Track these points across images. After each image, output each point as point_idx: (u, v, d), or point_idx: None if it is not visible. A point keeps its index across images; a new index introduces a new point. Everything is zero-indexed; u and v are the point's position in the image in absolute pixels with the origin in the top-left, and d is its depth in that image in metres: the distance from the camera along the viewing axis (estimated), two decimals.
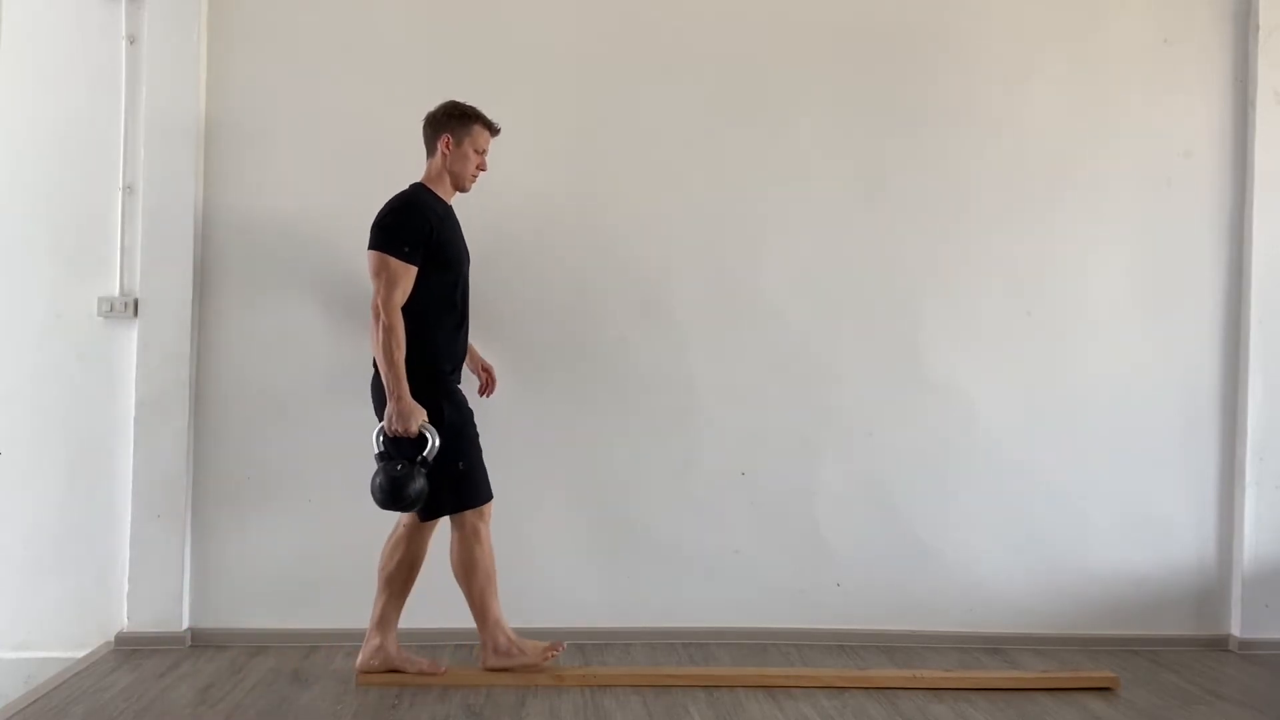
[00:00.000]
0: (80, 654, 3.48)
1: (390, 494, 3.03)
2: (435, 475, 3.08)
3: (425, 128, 3.25)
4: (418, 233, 3.07)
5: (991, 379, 3.81)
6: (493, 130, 3.24)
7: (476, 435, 3.25)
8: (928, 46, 3.82)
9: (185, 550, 3.57)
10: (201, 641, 3.57)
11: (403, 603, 3.24)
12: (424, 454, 3.06)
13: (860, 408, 3.77)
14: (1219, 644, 3.83)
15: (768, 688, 3.26)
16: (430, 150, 3.24)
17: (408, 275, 3.05)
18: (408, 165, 3.67)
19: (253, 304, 3.64)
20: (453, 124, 3.19)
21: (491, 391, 3.51)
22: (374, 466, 3.66)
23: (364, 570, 3.63)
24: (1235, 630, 3.82)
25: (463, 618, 3.29)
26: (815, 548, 3.76)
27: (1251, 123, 3.86)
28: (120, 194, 3.59)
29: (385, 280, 3.03)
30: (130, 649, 3.50)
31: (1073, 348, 3.84)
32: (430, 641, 3.54)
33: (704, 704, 3.13)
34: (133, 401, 3.56)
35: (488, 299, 3.64)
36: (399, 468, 3.02)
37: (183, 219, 3.56)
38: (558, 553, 3.71)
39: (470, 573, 3.20)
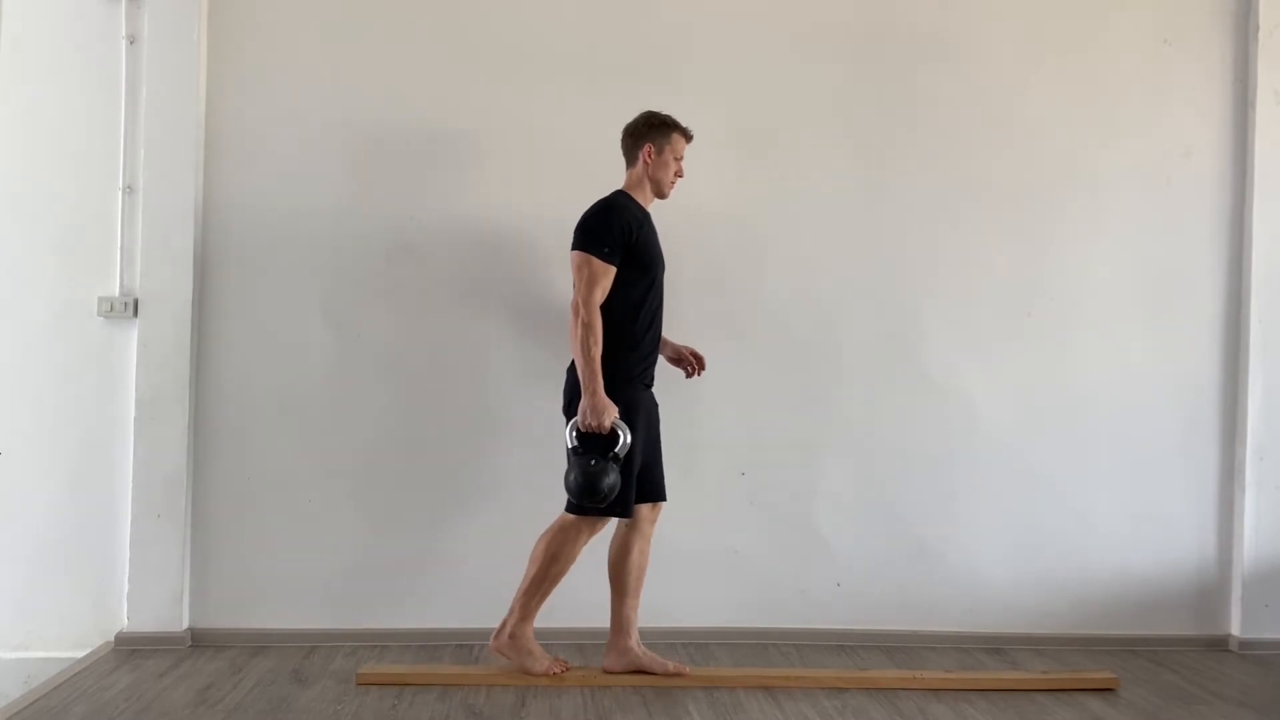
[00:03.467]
0: (80, 654, 3.48)
1: (584, 489, 3.08)
2: (621, 472, 3.13)
3: (625, 138, 3.32)
4: (618, 235, 3.14)
5: (991, 379, 3.81)
6: (688, 137, 3.32)
7: (659, 436, 3.31)
8: (928, 47, 3.82)
9: (185, 550, 3.57)
10: (201, 641, 3.57)
11: (638, 602, 3.30)
12: (615, 450, 3.10)
13: (860, 408, 3.77)
14: (1219, 644, 3.83)
15: (768, 688, 3.26)
16: (631, 159, 3.31)
17: (607, 275, 3.12)
18: (408, 165, 3.69)
19: (253, 304, 3.64)
20: (654, 133, 3.27)
21: (700, 371, 3.50)
22: (373, 469, 3.68)
23: (364, 570, 3.65)
24: (1235, 630, 3.83)
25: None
26: (815, 548, 3.77)
27: (1251, 123, 3.86)
28: (120, 194, 3.59)
29: (586, 279, 3.11)
30: (130, 649, 3.50)
31: (1073, 348, 3.84)
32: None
33: (704, 704, 3.13)
34: (133, 401, 3.56)
35: (489, 299, 3.65)
36: (593, 463, 3.07)
37: (183, 219, 3.57)
38: None
39: (543, 560, 3.24)
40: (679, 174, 3.32)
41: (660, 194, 3.31)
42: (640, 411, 3.21)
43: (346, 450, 3.66)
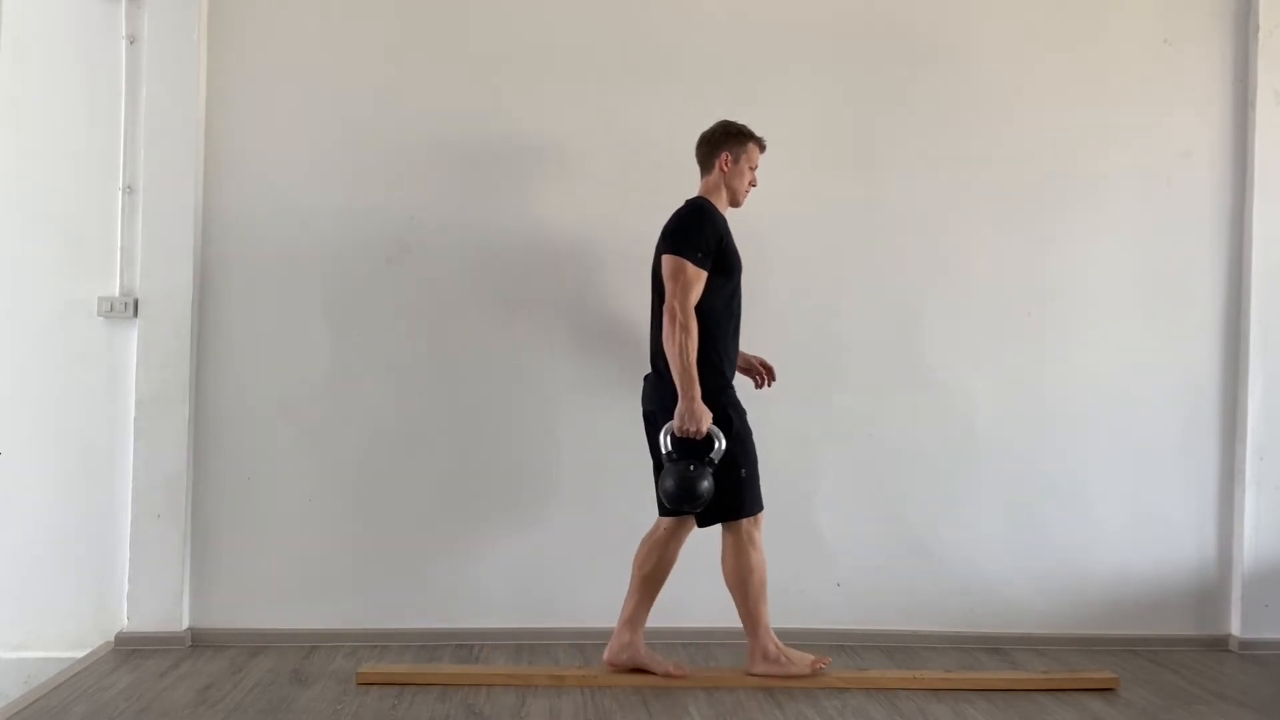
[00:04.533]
0: (80, 654, 3.48)
1: (681, 494, 3.08)
2: (717, 480, 3.12)
3: (701, 146, 3.32)
4: (710, 239, 3.17)
5: (992, 379, 3.81)
6: (762, 147, 3.33)
7: (753, 443, 3.29)
8: (928, 47, 3.82)
9: (185, 550, 3.57)
10: (201, 641, 3.57)
11: (652, 603, 3.29)
12: (711, 455, 3.10)
13: (860, 408, 3.77)
14: (1219, 644, 3.83)
15: (768, 688, 3.26)
16: (707, 168, 3.32)
17: (700, 280, 3.14)
18: (408, 165, 3.69)
19: (253, 304, 3.64)
20: (730, 142, 3.28)
21: (770, 382, 3.51)
22: (373, 469, 3.68)
23: (364, 570, 3.65)
24: (1235, 630, 3.82)
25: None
26: (815, 548, 3.76)
27: (1251, 123, 3.86)
28: (120, 194, 3.59)
29: (681, 284, 3.11)
30: (130, 649, 3.50)
31: (1073, 348, 3.84)
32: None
33: (704, 704, 3.13)
34: (133, 401, 3.56)
35: (488, 300, 3.66)
36: (690, 468, 3.07)
37: (183, 219, 3.56)
38: (559, 552, 3.71)
39: (745, 579, 3.23)
40: (753, 183, 3.33)
41: (735, 202, 3.32)
42: (743, 415, 3.24)
43: (346, 450, 3.66)
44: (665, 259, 3.16)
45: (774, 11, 3.79)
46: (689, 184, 3.76)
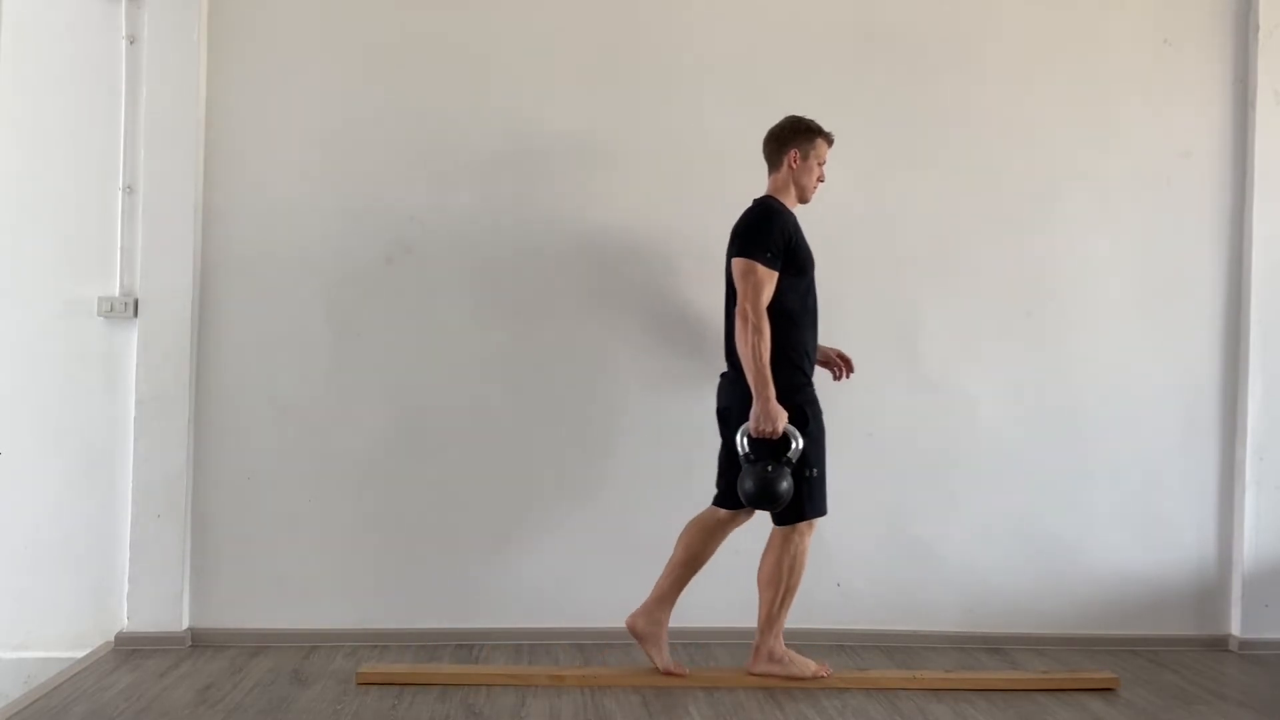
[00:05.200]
0: (80, 654, 3.47)
1: (760, 494, 3.10)
2: (814, 469, 3.16)
3: (769, 142, 3.32)
4: (780, 239, 3.17)
5: (991, 379, 3.81)
6: (830, 142, 3.33)
7: (825, 444, 3.30)
8: (928, 47, 3.82)
9: (185, 550, 3.56)
10: (201, 641, 3.57)
11: (684, 586, 3.32)
12: (788, 455, 3.11)
13: (860, 408, 3.77)
14: (1219, 644, 3.83)
15: (768, 688, 3.26)
16: (775, 164, 3.32)
17: (771, 280, 3.14)
18: (408, 164, 3.69)
19: (253, 304, 3.64)
20: (799, 139, 3.28)
21: (849, 374, 3.52)
22: (373, 469, 3.68)
23: (364, 570, 3.65)
24: (1235, 630, 3.83)
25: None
26: (815, 548, 3.74)
27: (1251, 123, 3.86)
28: (120, 194, 3.59)
29: (752, 285, 3.12)
30: (130, 649, 3.50)
31: (1073, 348, 3.84)
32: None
33: (704, 704, 3.13)
34: (133, 401, 3.56)
35: (488, 299, 3.66)
36: (769, 468, 3.08)
37: (183, 219, 3.56)
38: (559, 553, 3.71)
39: (779, 581, 3.24)
40: (821, 178, 3.33)
41: (803, 198, 3.32)
42: (819, 416, 3.24)
43: (346, 450, 3.66)
44: (735, 261, 3.17)
45: (773, 12, 3.78)
46: (690, 185, 3.77)
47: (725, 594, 3.73)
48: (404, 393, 3.68)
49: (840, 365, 3.52)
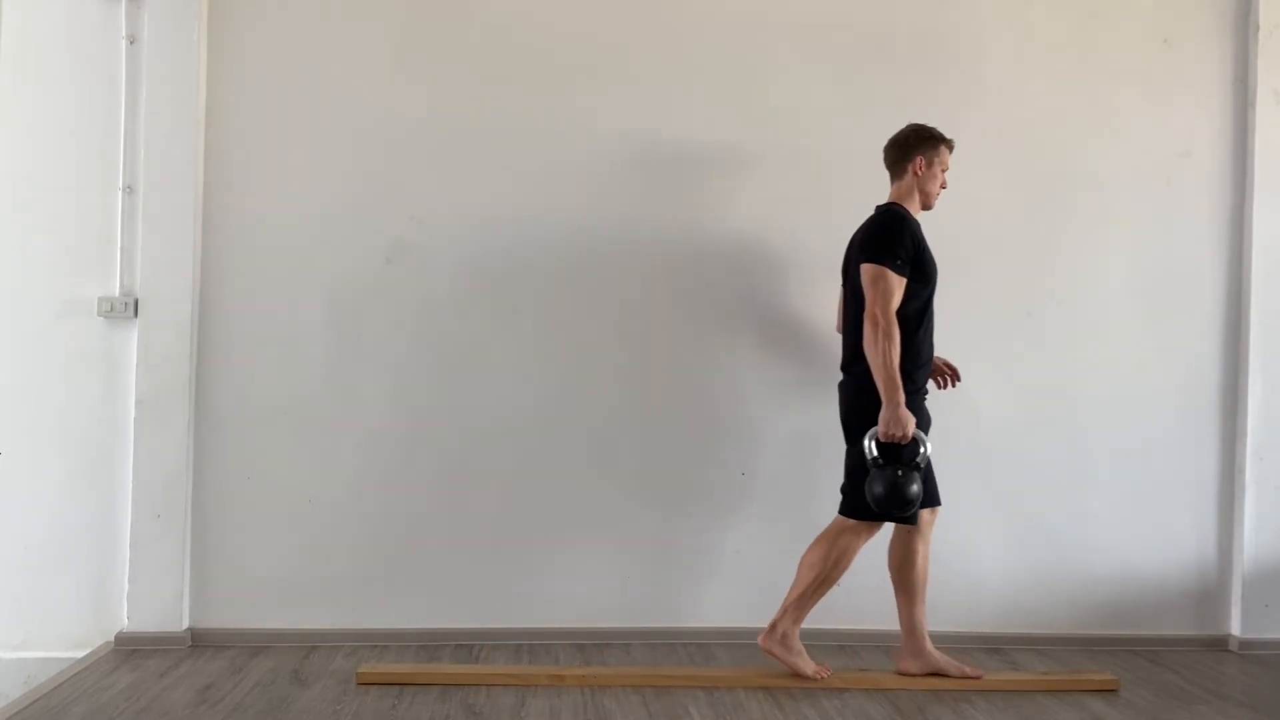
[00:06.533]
0: (80, 654, 3.48)
1: (891, 499, 3.12)
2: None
3: (892, 150, 3.36)
4: (909, 246, 3.21)
5: (991, 379, 3.81)
6: (951, 148, 3.36)
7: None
8: (928, 47, 3.82)
9: (185, 550, 3.57)
10: (201, 641, 3.57)
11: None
12: (917, 459, 3.14)
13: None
14: (1219, 644, 3.83)
15: (768, 688, 3.26)
16: (899, 172, 3.36)
17: (900, 287, 3.18)
18: (408, 164, 3.69)
19: (253, 304, 3.64)
20: (924, 146, 3.33)
21: (955, 382, 3.54)
22: (373, 469, 3.68)
23: (364, 570, 3.66)
24: (1235, 630, 3.83)
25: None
26: None
27: (1251, 123, 3.86)
28: (120, 194, 3.59)
29: (883, 291, 3.14)
30: (130, 649, 3.50)
31: (1072, 347, 3.84)
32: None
33: (704, 704, 3.13)
34: (133, 401, 3.56)
35: (487, 298, 3.66)
36: (898, 473, 3.11)
37: (183, 219, 3.57)
38: (559, 553, 3.71)
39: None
40: (944, 185, 3.36)
41: (927, 205, 3.36)
42: (927, 420, 3.27)
43: (346, 450, 3.66)
44: (865, 267, 3.19)
45: (772, 12, 3.78)
46: (689, 184, 3.77)
47: (725, 594, 3.74)
48: (403, 393, 3.68)
49: (947, 373, 3.54)
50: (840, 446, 3.37)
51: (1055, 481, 3.83)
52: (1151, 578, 3.85)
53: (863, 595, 3.75)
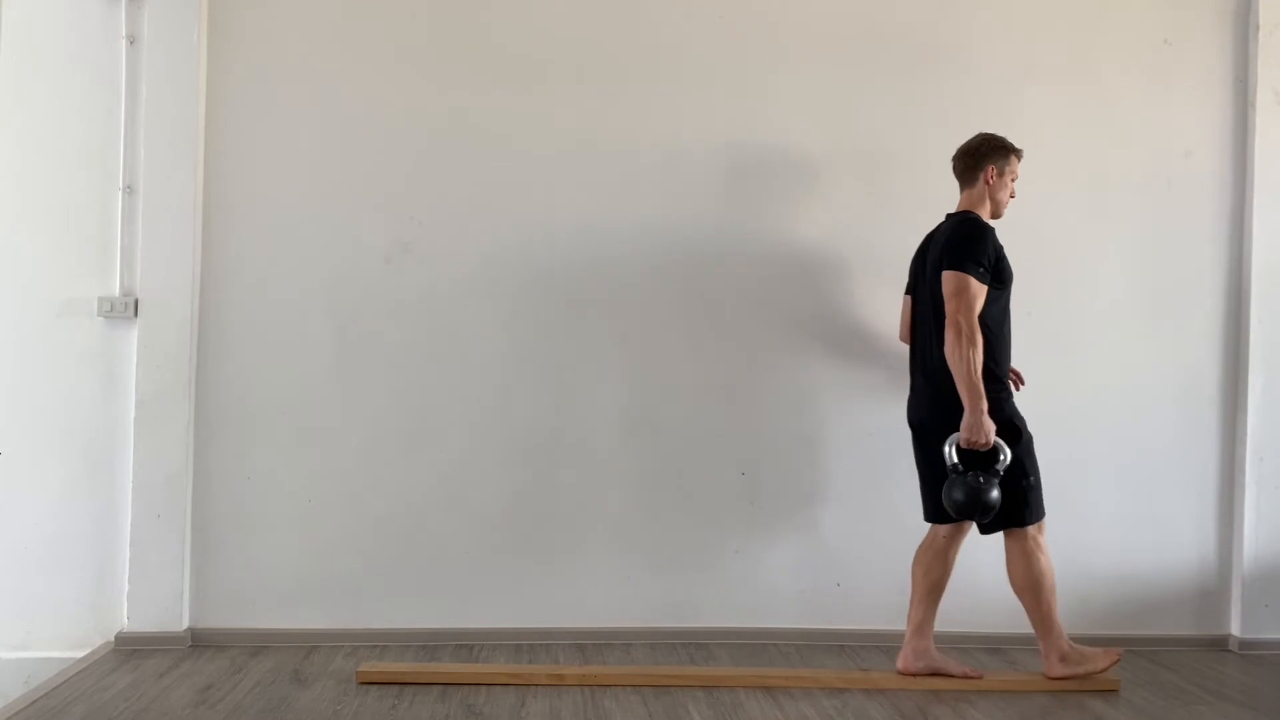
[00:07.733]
0: (80, 654, 3.48)
1: (969, 505, 3.14)
2: (1003, 489, 3.17)
3: (963, 158, 3.40)
4: (990, 254, 3.24)
5: None
6: (1020, 157, 3.39)
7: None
8: (927, 47, 3.82)
9: (185, 550, 3.56)
10: (201, 641, 3.57)
11: (937, 608, 3.35)
12: (996, 465, 3.15)
13: (861, 408, 3.77)
14: (1219, 644, 3.83)
15: (768, 688, 3.26)
16: (970, 181, 3.39)
17: (982, 294, 3.21)
18: (408, 165, 3.69)
19: (253, 304, 3.64)
20: (995, 155, 3.36)
21: (1020, 386, 3.53)
22: (373, 469, 3.68)
23: (364, 570, 3.66)
24: (1235, 630, 3.83)
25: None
26: (815, 548, 3.76)
27: (1251, 123, 3.86)
28: (120, 194, 3.59)
29: (965, 298, 3.17)
30: (130, 649, 3.50)
31: (1073, 348, 3.84)
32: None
33: (704, 704, 3.13)
34: (133, 401, 3.56)
35: (488, 298, 3.66)
36: (979, 479, 3.12)
37: (183, 219, 3.57)
38: (559, 553, 3.71)
39: (1038, 585, 3.28)
40: (1013, 194, 3.39)
41: (997, 214, 3.39)
42: (1025, 423, 3.28)
43: (346, 450, 3.66)
44: (947, 275, 3.21)
45: (772, 12, 3.78)
46: (687, 183, 3.77)
47: (725, 594, 3.73)
48: (403, 392, 3.68)
49: (1014, 378, 3.53)
50: (840, 447, 3.38)
51: (1055, 481, 3.80)
52: (1151, 578, 3.85)
53: (863, 596, 3.77)
